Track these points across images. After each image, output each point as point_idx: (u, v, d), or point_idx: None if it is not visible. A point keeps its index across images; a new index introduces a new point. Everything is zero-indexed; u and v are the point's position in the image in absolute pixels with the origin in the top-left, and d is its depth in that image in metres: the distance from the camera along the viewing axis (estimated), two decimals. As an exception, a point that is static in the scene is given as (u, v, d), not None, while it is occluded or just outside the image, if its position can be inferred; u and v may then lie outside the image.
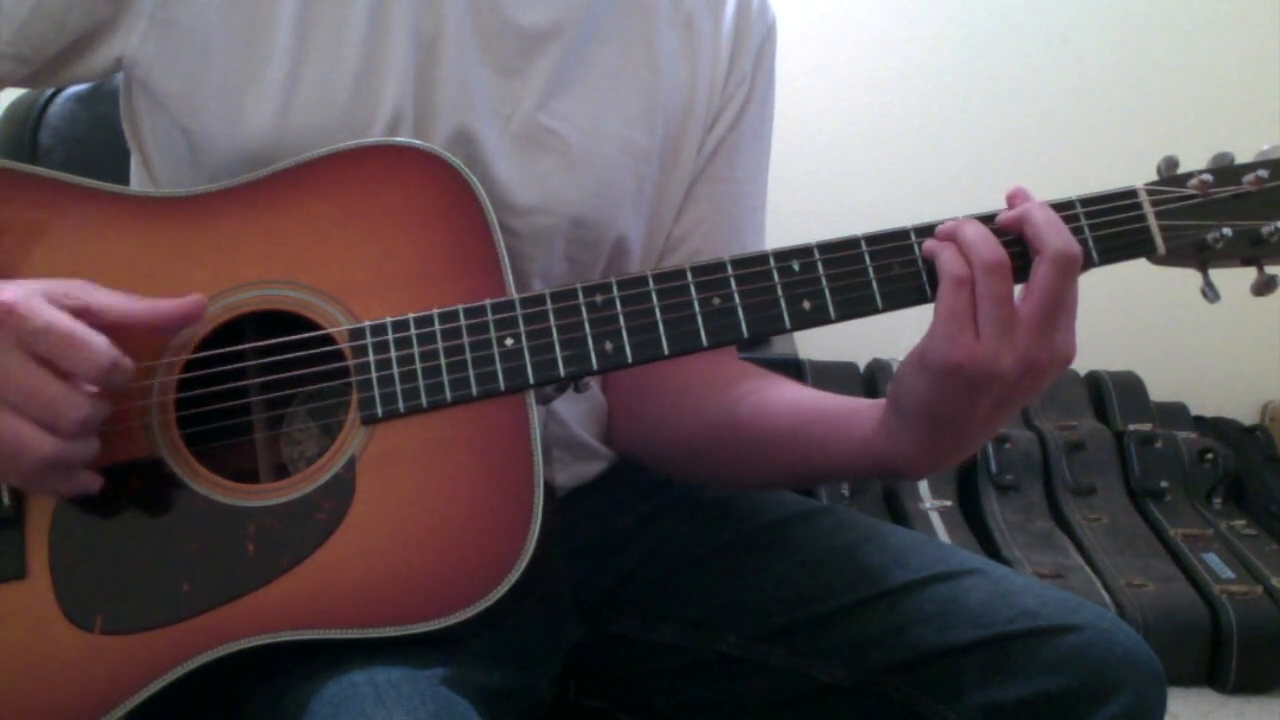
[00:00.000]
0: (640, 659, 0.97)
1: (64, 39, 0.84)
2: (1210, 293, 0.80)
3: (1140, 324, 2.38)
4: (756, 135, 1.00)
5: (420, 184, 0.80)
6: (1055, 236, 0.75)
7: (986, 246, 0.75)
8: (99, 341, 0.71)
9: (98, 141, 1.13)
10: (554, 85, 0.90)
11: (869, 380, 2.36)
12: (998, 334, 0.74)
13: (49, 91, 1.17)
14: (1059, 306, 0.75)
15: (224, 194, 0.81)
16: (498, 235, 0.79)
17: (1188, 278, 0.82)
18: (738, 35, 0.98)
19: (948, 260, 0.75)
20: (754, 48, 0.98)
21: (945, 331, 0.75)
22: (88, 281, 0.74)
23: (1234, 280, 0.81)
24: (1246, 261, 0.80)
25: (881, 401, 0.83)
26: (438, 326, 0.77)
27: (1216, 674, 1.97)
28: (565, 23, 0.90)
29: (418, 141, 0.82)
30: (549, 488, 0.76)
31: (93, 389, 0.71)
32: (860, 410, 0.85)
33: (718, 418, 0.92)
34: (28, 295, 0.70)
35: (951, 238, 0.77)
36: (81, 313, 0.72)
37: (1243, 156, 0.80)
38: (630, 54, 0.93)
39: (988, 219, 0.78)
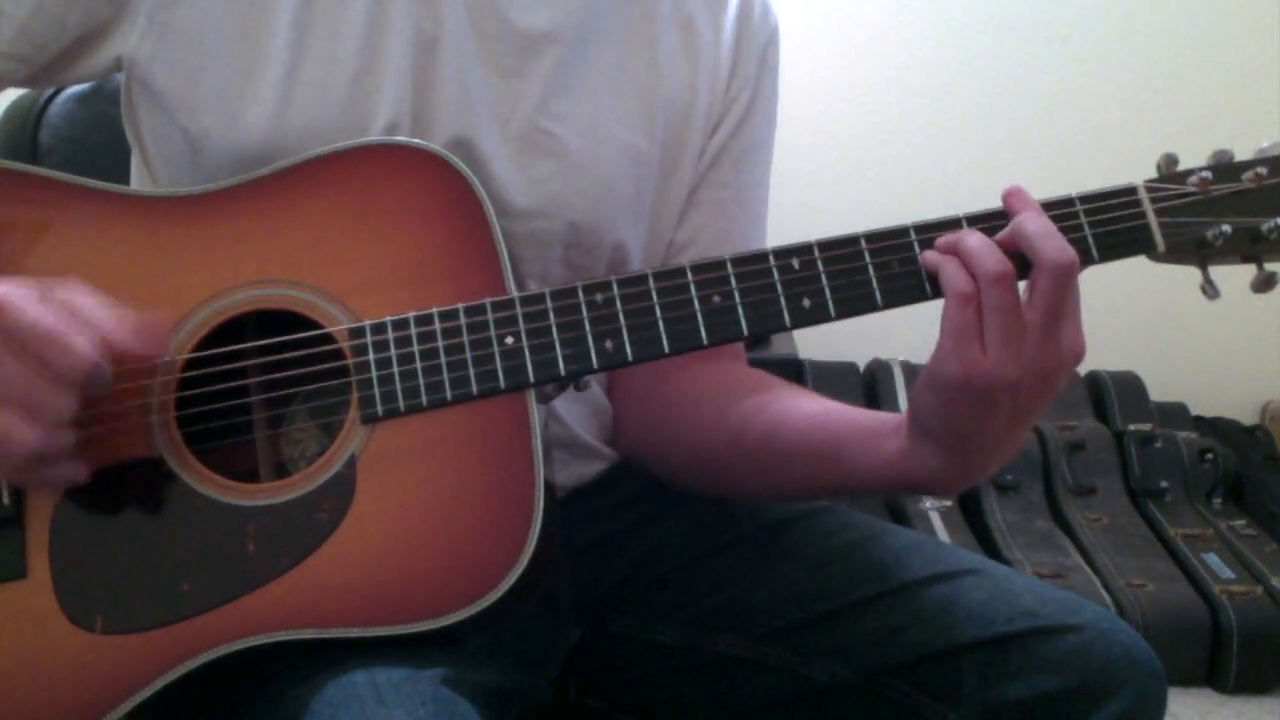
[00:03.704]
0: (640, 659, 0.97)
1: (64, 39, 0.84)
2: (1210, 289, 0.80)
3: (1140, 324, 2.38)
4: (761, 141, 1.00)
5: (420, 183, 0.80)
6: (1048, 246, 0.74)
7: (990, 258, 0.74)
8: (80, 344, 0.70)
9: (98, 141, 1.13)
10: (553, 87, 0.90)
11: (869, 380, 2.36)
12: (1003, 346, 0.73)
13: (49, 91, 1.17)
14: (1060, 313, 0.75)
15: (223, 193, 0.81)
16: (498, 234, 0.79)
17: (1188, 278, 0.82)
18: (739, 39, 0.97)
19: (951, 275, 0.75)
20: (757, 52, 0.98)
21: (953, 348, 0.74)
22: (83, 285, 0.74)
23: (1235, 280, 0.81)
24: (1246, 259, 0.80)
25: (904, 418, 0.83)
26: (438, 325, 0.77)
27: (1216, 674, 1.97)
28: (565, 25, 0.89)
29: (417, 141, 0.81)
30: (549, 487, 0.76)
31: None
32: (884, 427, 0.84)
33: (735, 430, 0.92)
34: (13, 292, 0.70)
35: (953, 250, 0.76)
36: (66, 309, 0.71)
37: (1243, 154, 0.80)
38: (630, 57, 0.93)
39: (985, 219, 0.78)
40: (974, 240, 0.76)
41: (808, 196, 2.25)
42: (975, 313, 0.74)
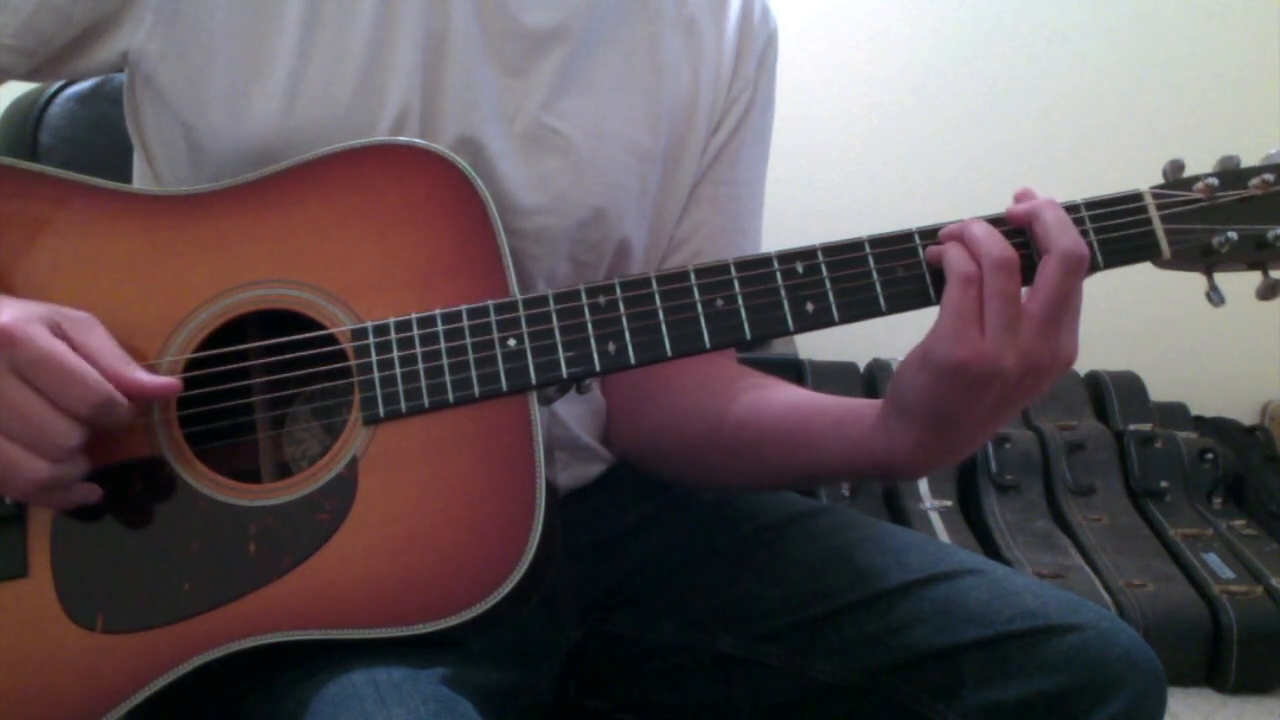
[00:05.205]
0: (640, 659, 0.97)
1: (69, 32, 0.84)
2: (1215, 296, 0.80)
3: (1140, 324, 2.38)
4: (758, 139, 1.01)
5: (424, 184, 0.80)
6: (1064, 235, 0.75)
7: (995, 244, 0.75)
8: (93, 377, 0.71)
9: (98, 141, 1.13)
10: (559, 85, 0.90)
11: (869, 380, 2.36)
12: (1003, 332, 0.74)
13: (49, 91, 1.17)
14: (1064, 307, 0.75)
15: (228, 192, 0.81)
16: (501, 236, 0.79)
17: (1188, 278, 0.82)
18: (741, 40, 0.98)
19: (956, 257, 0.76)
20: (756, 53, 0.99)
21: (951, 328, 0.75)
22: (91, 317, 0.75)
23: (1234, 281, 0.81)
24: (1252, 265, 0.80)
25: (879, 402, 0.83)
26: (440, 327, 0.77)
27: (1216, 674, 1.97)
28: (570, 24, 0.90)
29: (421, 141, 0.82)
30: (550, 489, 0.76)
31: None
32: (858, 410, 0.85)
33: (713, 417, 0.92)
34: (27, 321, 0.71)
35: (958, 237, 0.77)
36: (75, 347, 0.72)
37: (1248, 159, 0.80)
38: (635, 57, 0.94)
39: (994, 221, 0.78)
40: (979, 228, 0.77)
41: (807, 198, 2.25)
42: (977, 295, 0.75)
